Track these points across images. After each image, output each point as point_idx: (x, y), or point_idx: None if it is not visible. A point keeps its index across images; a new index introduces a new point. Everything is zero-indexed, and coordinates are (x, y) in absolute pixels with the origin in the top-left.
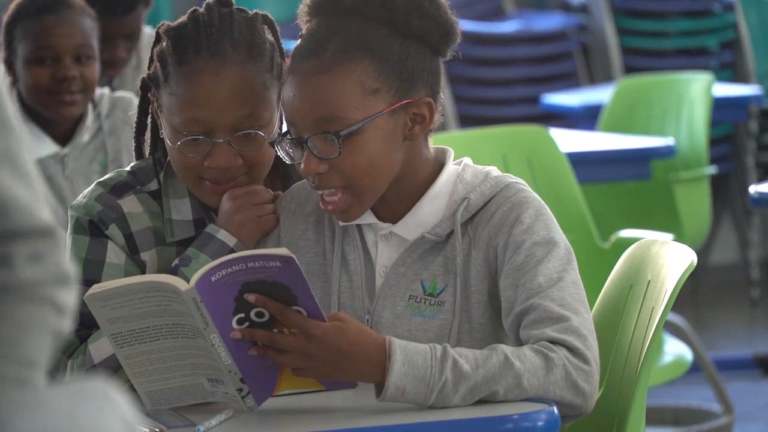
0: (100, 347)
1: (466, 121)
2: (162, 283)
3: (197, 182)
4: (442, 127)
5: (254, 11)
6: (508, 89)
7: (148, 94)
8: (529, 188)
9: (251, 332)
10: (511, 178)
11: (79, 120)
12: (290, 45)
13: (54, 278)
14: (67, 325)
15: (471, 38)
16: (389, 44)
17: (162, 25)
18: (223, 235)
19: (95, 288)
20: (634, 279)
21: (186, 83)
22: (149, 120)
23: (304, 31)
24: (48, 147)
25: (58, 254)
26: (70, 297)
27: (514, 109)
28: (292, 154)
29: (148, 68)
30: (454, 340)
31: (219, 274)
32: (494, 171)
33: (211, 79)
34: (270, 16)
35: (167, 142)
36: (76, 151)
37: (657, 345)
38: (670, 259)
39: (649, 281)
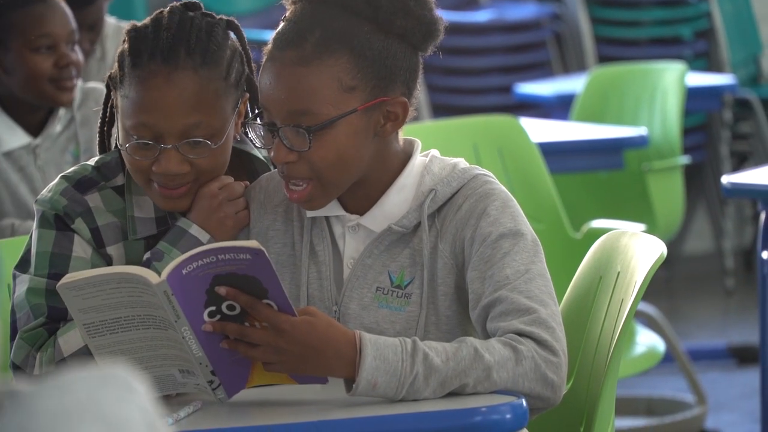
0: (69, 340)
1: (440, 110)
2: (133, 275)
3: (147, 185)
4: (416, 118)
5: (220, 16)
6: (482, 78)
7: (111, 93)
8: (496, 180)
9: (222, 325)
10: (478, 170)
11: (51, 111)
12: (263, 35)
13: None
14: None
15: (444, 27)
16: (370, 41)
17: (129, 24)
18: (195, 230)
19: (68, 277)
20: (603, 270)
21: (137, 87)
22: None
23: (288, 14)
24: (20, 138)
25: None
26: None
27: (487, 98)
28: (263, 138)
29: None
30: (422, 332)
31: (190, 267)
32: (462, 163)
33: (161, 84)
34: (236, 21)
35: (119, 144)
36: (48, 142)
37: (627, 336)
38: (640, 250)
39: (618, 273)
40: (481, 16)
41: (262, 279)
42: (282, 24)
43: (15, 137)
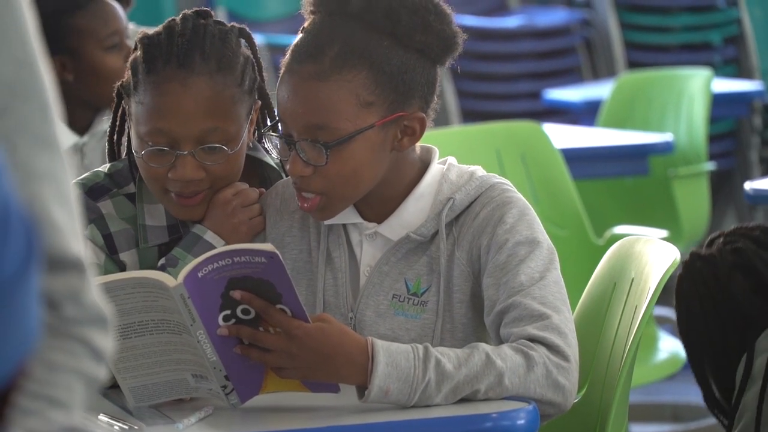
0: None
1: (469, 116)
2: (149, 279)
3: (163, 193)
4: (444, 122)
5: (231, 24)
6: (512, 84)
7: (122, 102)
8: (513, 188)
9: (237, 329)
10: (496, 179)
11: (98, 109)
12: (290, 40)
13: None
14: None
15: (474, 33)
16: (389, 57)
17: (140, 33)
18: (210, 236)
19: None
20: (618, 276)
21: (153, 92)
22: (126, 124)
23: (306, 25)
24: (67, 137)
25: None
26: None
27: (516, 104)
28: (279, 149)
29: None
30: (437, 339)
31: (205, 270)
32: (479, 171)
33: (177, 89)
34: (247, 29)
35: (134, 151)
36: (94, 140)
37: (647, 342)
38: (654, 256)
39: (633, 279)
40: (510, 22)
41: (276, 283)
42: (300, 35)
43: (63, 137)
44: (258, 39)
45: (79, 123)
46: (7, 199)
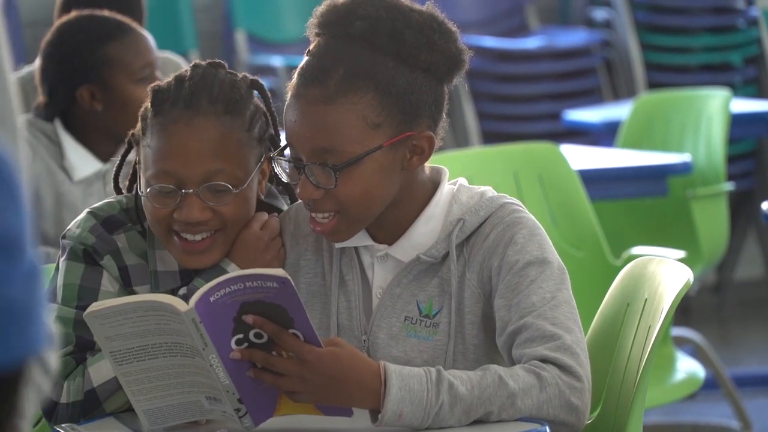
0: (99, 370)
1: (489, 137)
2: (161, 303)
3: (168, 237)
4: (464, 144)
5: (243, 74)
6: (532, 105)
7: (131, 150)
8: (524, 208)
9: (250, 353)
10: (506, 199)
11: (120, 139)
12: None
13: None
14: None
15: (494, 54)
16: (395, 77)
17: (152, 84)
18: (233, 268)
19: (95, 306)
20: (631, 297)
21: (159, 134)
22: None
23: (311, 48)
24: (92, 165)
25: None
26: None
27: (536, 125)
28: (289, 173)
29: None
30: (450, 361)
31: (218, 294)
32: (489, 191)
33: (183, 129)
34: (260, 81)
35: (140, 194)
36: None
37: (660, 363)
38: (667, 277)
39: (646, 299)
40: (531, 43)
41: (288, 308)
42: (306, 58)
43: (87, 165)
44: (277, 61)
45: (103, 151)
46: (21, 225)
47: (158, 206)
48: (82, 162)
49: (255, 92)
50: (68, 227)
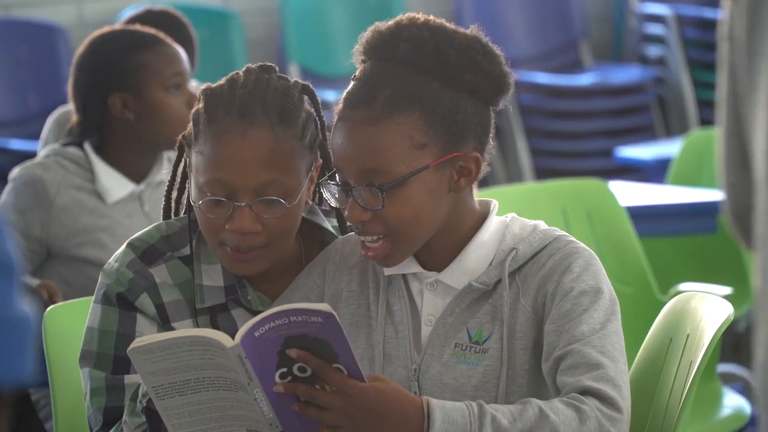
0: None
1: (542, 173)
2: (206, 338)
3: (219, 245)
4: (518, 179)
5: (295, 80)
6: (585, 142)
7: (183, 155)
8: (578, 241)
9: (293, 387)
10: (559, 232)
11: (154, 156)
12: None
13: None
14: None
15: (548, 91)
16: (440, 98)
17: (204, 86)
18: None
19: (138, 341)
20: (674, 332)
21: (212, 142)
22: (186, 182)
23: (357, 73)
24: (125, 187)
25: None
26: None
27: (589, 161)
28: (337, 197)
29: None
30: (503, 387)
31: (262, 329)
32: (542, 224)
33: (236, 139)
34: (311, 86)
35: (192, 201)
36: (150, 189)
37: (706, 399)
38: (709, 312)
39: (688, 335)
40: (584, 80)
41: (332, 343)
42: (352, 83)
43: (120, 187)
44: (331, 95)
45: (136, 169)
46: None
47: (211, 216)
48: (115, 184)
49: (306, 98)
50: (108, 261)
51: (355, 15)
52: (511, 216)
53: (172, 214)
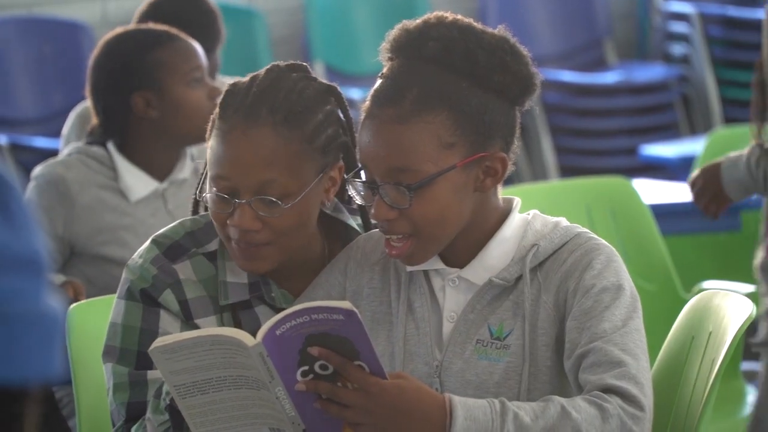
0: None
1: (567, 171)
2: (227, 337)
3: (227, 240)
4: (542, 177)
5: (319, 81)
6: (609, 140)
7: None
8: (598, 237)
9: (315, 384)
10: (580, 228)
11: (177, 152)
12: None
13: None
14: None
15: (572, 89)
16: (468, 97)
17: (233, 80)
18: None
19: (160, 341)
20: (696, 330)
21: (218, 139)
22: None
23: (385, 71)
24: (148, 185)
25: None
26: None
27: (614, 160)
28: (363, 195)
29: None
30: (525, 384)
31: (284, 327)
32: (563, 221)
33: (239, 138)
34: (338, 88)
35: (204, 195)
36: (174, 187)
37: (729, 397)
38: (731, 310)
39: (710, 332)
40: (608, 78)
41: (354, 340)
42: (379, 81)
43: (144, 185)
44: (355, 93)
45: (160, 167)
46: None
47: (216, 210)
48: (138, 182)
49: (332, 99)
50: (132, 257)
51: (379, 13)
52: (533, 213)
53: (200, 210)
